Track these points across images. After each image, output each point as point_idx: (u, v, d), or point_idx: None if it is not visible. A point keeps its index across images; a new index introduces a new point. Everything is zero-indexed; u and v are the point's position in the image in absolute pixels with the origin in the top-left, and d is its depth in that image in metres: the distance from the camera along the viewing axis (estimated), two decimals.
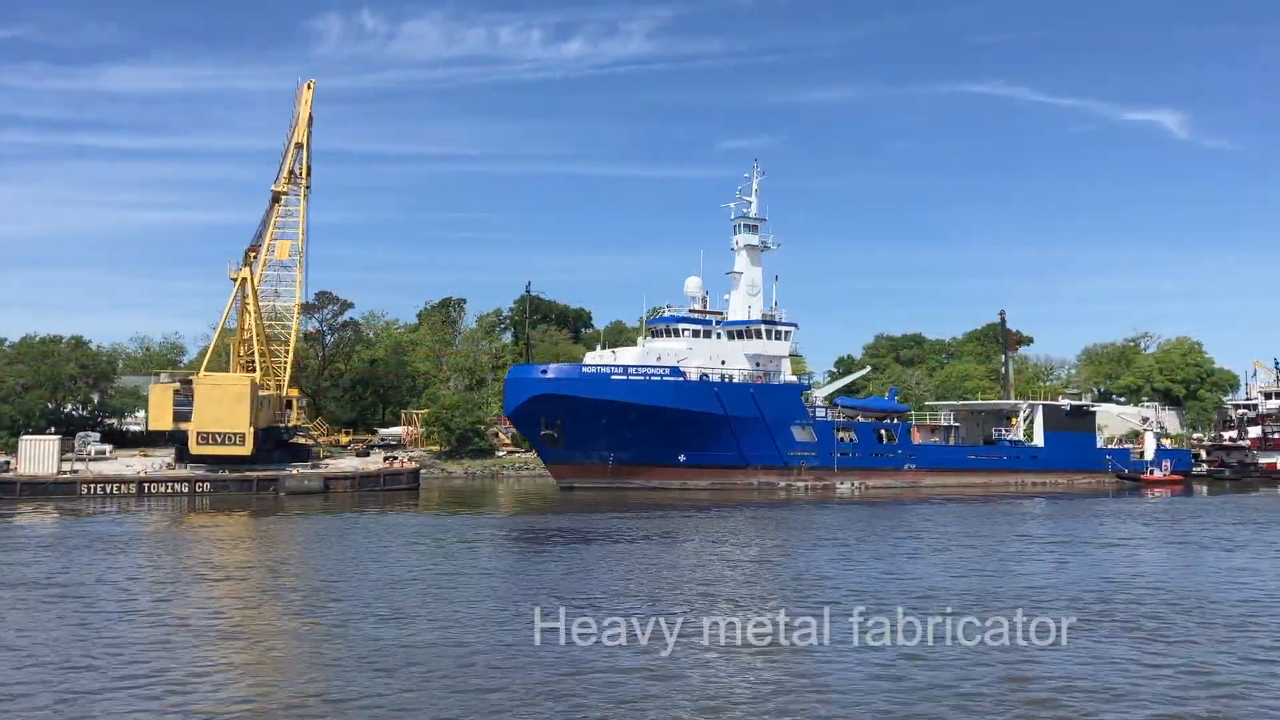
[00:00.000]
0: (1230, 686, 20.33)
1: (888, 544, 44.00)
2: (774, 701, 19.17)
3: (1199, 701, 19.36)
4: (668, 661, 21.52)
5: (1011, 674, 20.89)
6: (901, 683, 20.32)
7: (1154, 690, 20.00)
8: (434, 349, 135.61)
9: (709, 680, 20.50)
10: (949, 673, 20.88)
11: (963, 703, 19.02)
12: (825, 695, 19.52)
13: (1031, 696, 19.46)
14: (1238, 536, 47.55)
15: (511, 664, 21.80)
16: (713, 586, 32.10)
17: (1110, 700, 19.27)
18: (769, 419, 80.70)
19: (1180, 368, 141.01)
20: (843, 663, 21.82)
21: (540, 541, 45.77)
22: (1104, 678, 20.75)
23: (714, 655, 22.14)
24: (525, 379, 77.88)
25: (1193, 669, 21.41)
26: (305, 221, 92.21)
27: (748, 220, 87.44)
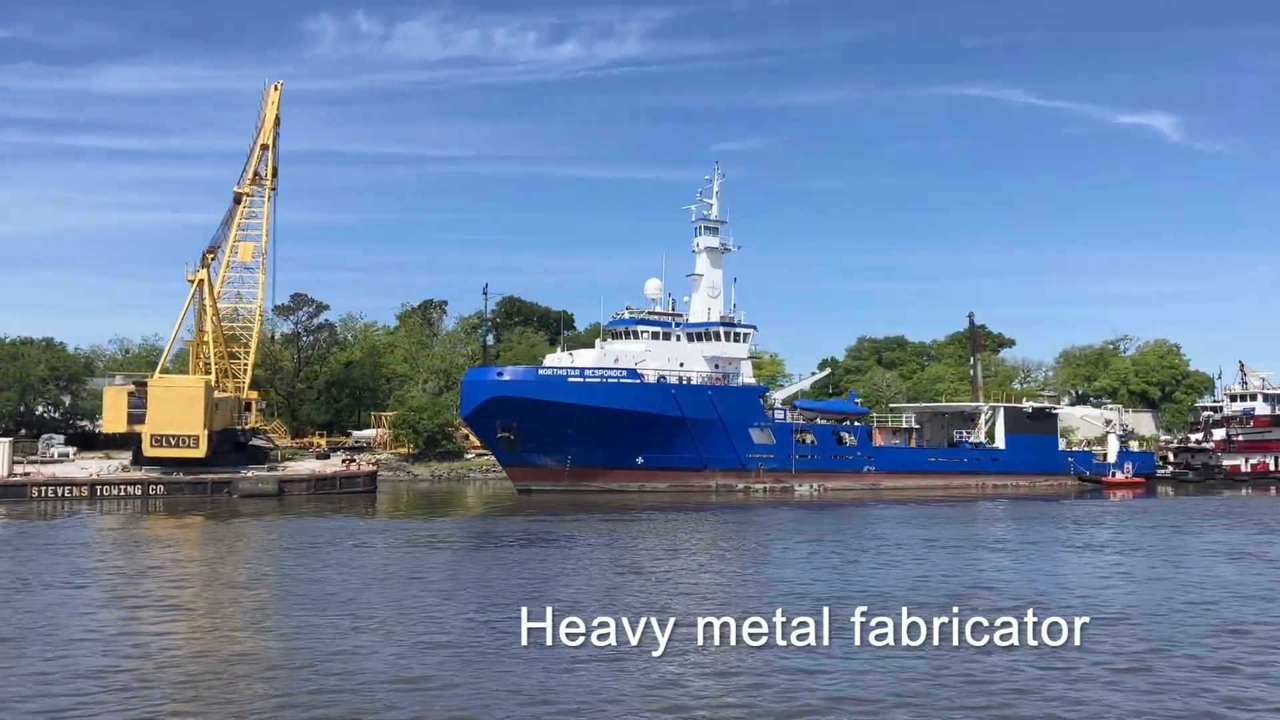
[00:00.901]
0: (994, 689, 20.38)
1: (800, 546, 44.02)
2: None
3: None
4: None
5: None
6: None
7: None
8: (410, 351, 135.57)
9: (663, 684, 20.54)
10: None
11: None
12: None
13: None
14: (1144, 541, 47.24)
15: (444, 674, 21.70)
16: (658, 591, 32.00)
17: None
18: (727, 421, 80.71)
19: (1156, 370, 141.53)
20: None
21: (483, 547, 45.64)
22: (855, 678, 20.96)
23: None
24: (481, 381, 77.91)
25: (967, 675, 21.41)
26: (270, 223, 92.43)
27: (708, 222, 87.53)
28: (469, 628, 25.80)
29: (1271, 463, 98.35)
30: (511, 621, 23.51)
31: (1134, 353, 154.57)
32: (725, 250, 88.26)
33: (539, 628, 20.12)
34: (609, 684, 20.46)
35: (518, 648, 21.44)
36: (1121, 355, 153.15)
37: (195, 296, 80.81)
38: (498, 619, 26.07)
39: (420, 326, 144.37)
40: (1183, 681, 21.16)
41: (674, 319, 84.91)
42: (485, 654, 22.94)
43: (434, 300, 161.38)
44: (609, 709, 19.09)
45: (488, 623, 26.14)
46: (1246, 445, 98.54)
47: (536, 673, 21.05)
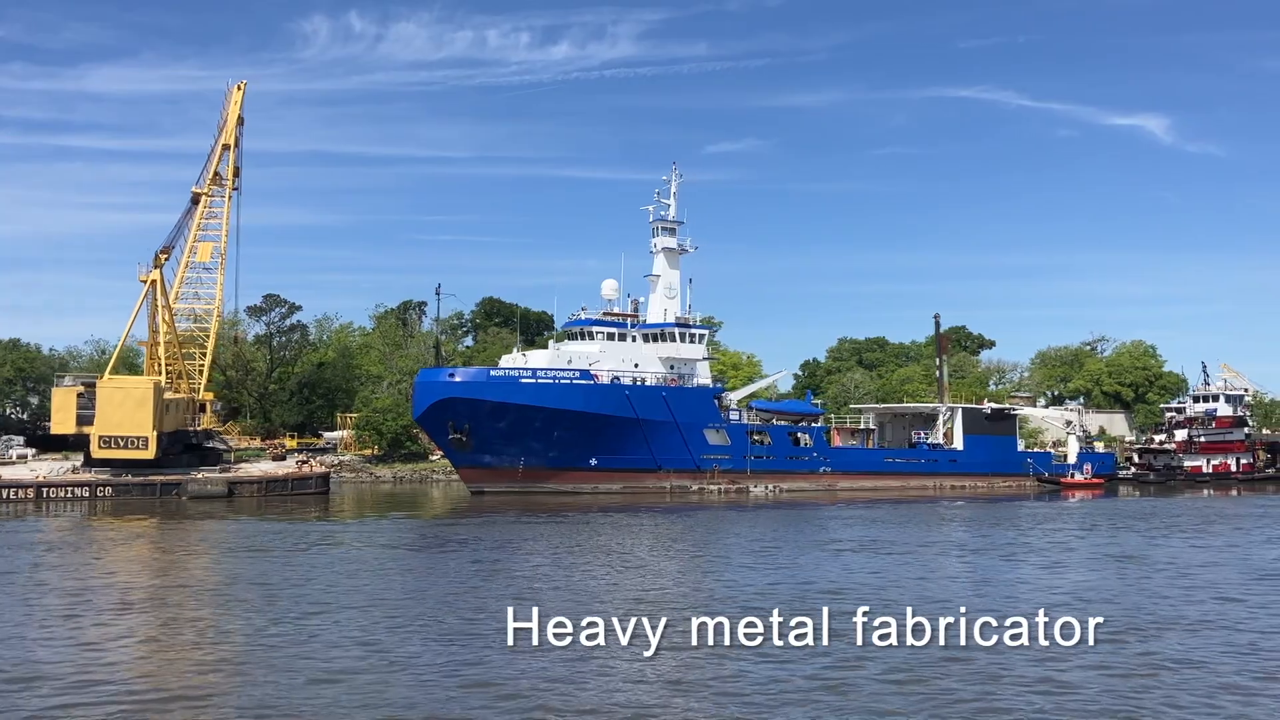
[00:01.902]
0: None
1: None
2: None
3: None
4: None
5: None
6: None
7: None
8: (385, 352, 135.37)
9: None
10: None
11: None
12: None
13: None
14: (1071, 542, 47.09)
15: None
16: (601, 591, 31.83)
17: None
18: (682, 422, 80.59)
19: (1129, 371, 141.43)
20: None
21: (416, 551, 45.40)
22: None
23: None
24: (432, 382, 77.69)
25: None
26: (230, 223, 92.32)
27: (666, 223, 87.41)
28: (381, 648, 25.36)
29: (1233, 463, 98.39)
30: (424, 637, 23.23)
31: (1110, 354, 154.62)
32: (683, 251, 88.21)
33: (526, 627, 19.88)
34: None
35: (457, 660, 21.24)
36: (1097, 357, 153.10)
37: (147, 297, 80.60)
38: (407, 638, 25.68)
39: (394, 328, 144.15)
40: (956, 688, 20.97)
41: (630, 320, 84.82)
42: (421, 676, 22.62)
43: (412, 301, 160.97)
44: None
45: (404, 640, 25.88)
46: (1208, 446, 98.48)
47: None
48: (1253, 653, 23.99)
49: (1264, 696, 20.52)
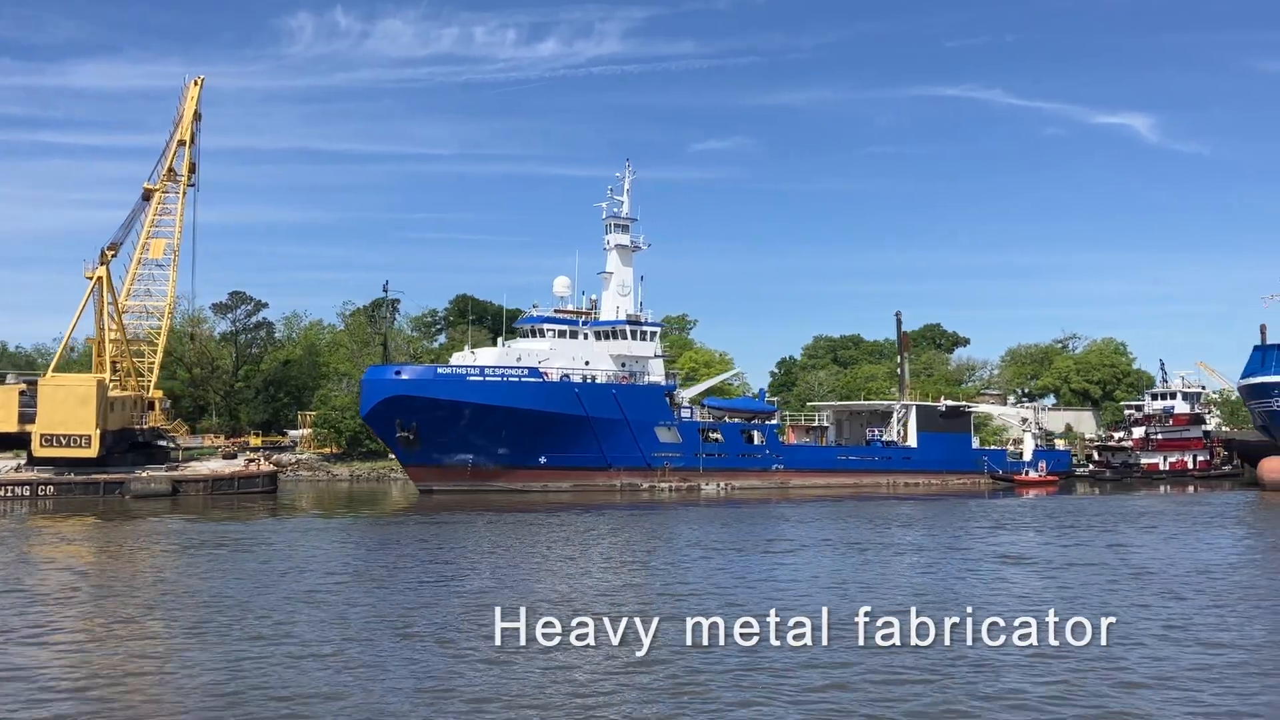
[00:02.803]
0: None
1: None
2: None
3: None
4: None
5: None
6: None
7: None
8: (353, 350, 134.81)
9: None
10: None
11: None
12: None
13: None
14: (983, 540, 46.85)
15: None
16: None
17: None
18: (632, 420, 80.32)
19: (1097, 368, 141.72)
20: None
21: (341, 549, 45.00)
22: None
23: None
24: (378, 380, 77.22)
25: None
26: (184, 220, 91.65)
27: (619, 219, 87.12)
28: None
29: (1190, 461, 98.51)
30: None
31: (1081, 351, 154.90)
32: (636, 248, 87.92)
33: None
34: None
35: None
36: (1068, 354, 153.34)
37: (94, 294, 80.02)
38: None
39: (363, 326, 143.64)
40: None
41: (582, 317, 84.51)
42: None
43: (384, 299, 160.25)
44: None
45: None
46: (1165, 444, 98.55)
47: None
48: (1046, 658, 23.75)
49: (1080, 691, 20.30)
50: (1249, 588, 32.87)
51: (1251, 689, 20.52)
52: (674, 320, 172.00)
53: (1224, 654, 23.62)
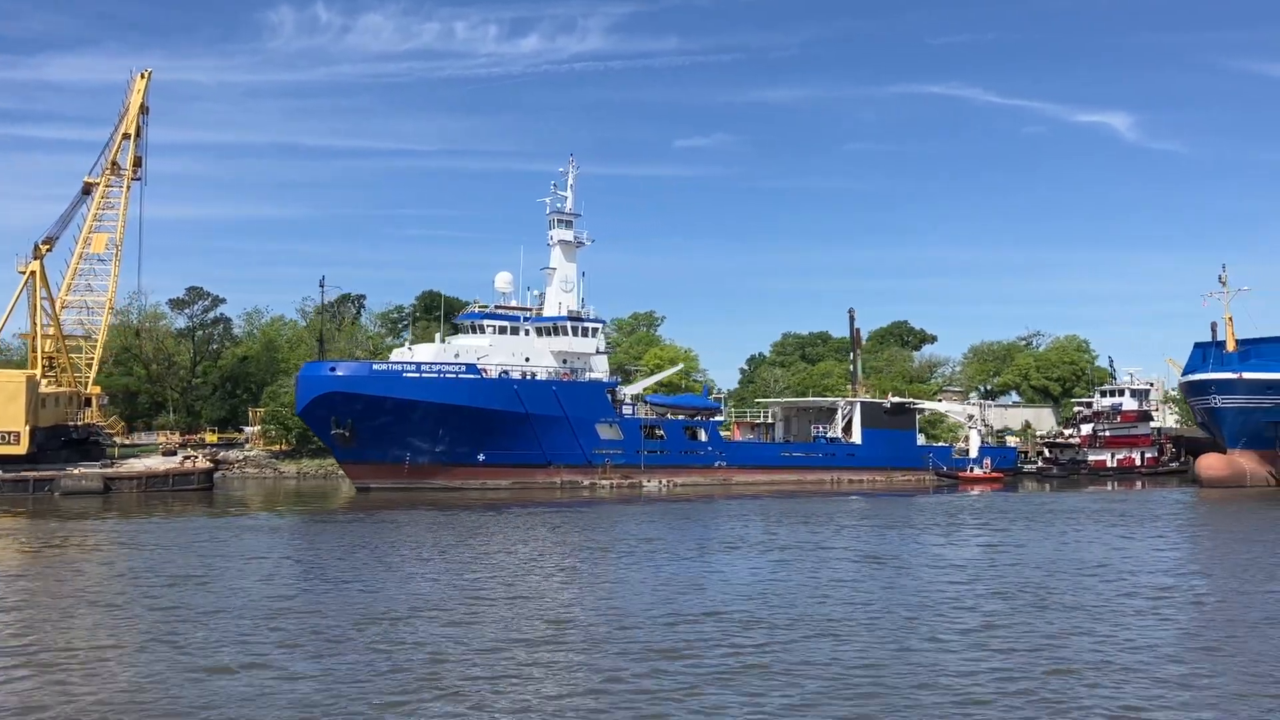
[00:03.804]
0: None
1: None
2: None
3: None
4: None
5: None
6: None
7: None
8: (313, 346, 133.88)
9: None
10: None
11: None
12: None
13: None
14: (871, 541, 46.62)
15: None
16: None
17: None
18: (572, 417, 79.94)
19: (1056, 365, 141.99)
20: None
21: (259, 547, 44.47)
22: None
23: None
24: (313, 376, 76.54)
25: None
26: (127, 215, 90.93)
27: (562, 215, 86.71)
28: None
29: (1137, 458, 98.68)
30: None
31: (1044, 349, 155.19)
32: (580, 244, 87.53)
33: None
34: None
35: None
36: (1029, 351, 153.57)
37: (26, 289, 79.20)
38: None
39: (323, 321, 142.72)
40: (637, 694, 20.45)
41: (523, 313, 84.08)
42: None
43: (350, 294, 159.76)
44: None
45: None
46: (1113, 440, 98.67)
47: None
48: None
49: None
50: (1077, 591, 31.54)
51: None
52: (641, 317, 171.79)
53: (989, 658, 23.19)
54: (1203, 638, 24.79)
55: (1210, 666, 21.80)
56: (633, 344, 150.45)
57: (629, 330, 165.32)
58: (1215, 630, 25.51)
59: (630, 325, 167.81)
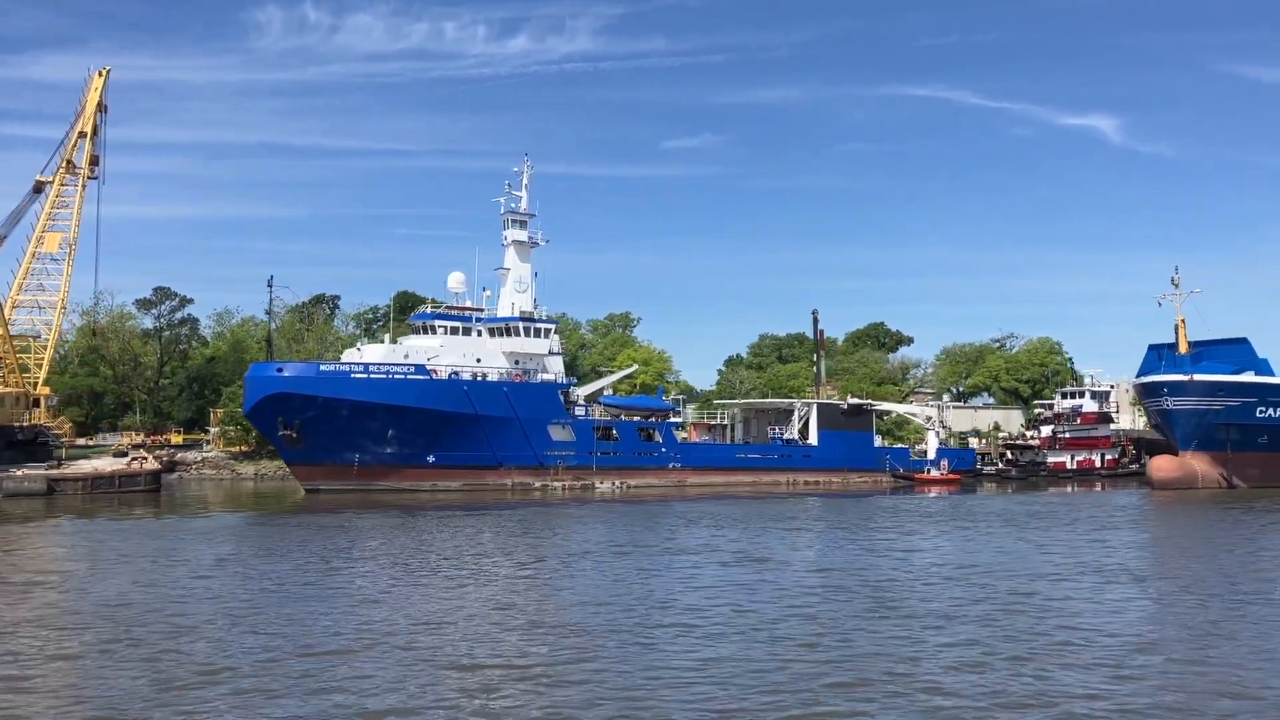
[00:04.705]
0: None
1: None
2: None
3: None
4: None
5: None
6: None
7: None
8: (281, 347, 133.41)
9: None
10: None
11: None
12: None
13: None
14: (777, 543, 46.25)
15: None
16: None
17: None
18: (524, 418, 79.55)
19: (1026, 367, 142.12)
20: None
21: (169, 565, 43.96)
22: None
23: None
24: (260, 377, 76.07)
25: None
26: (82, 214, 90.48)
27: (517, 215, 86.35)
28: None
29: (1097, 460, 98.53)
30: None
31: (1017, 350, 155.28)
32: (534, 244, 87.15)
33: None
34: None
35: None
36: (1000, 353, 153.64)
37: None
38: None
39: (292, 323, 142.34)
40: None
41: (475, 314, 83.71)
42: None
43: (324, 295, 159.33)
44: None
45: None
46: (1073, 442, 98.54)
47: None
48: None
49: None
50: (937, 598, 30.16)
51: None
52: (617, 318, 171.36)
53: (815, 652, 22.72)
54: (981, 648, 23.31)
55: (950, 681, 20.65)
56: (607, 345, 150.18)
57: (604, 331, 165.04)
58: (994, 642, 23.88)
59: (606, 326, 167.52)
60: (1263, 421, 79.95)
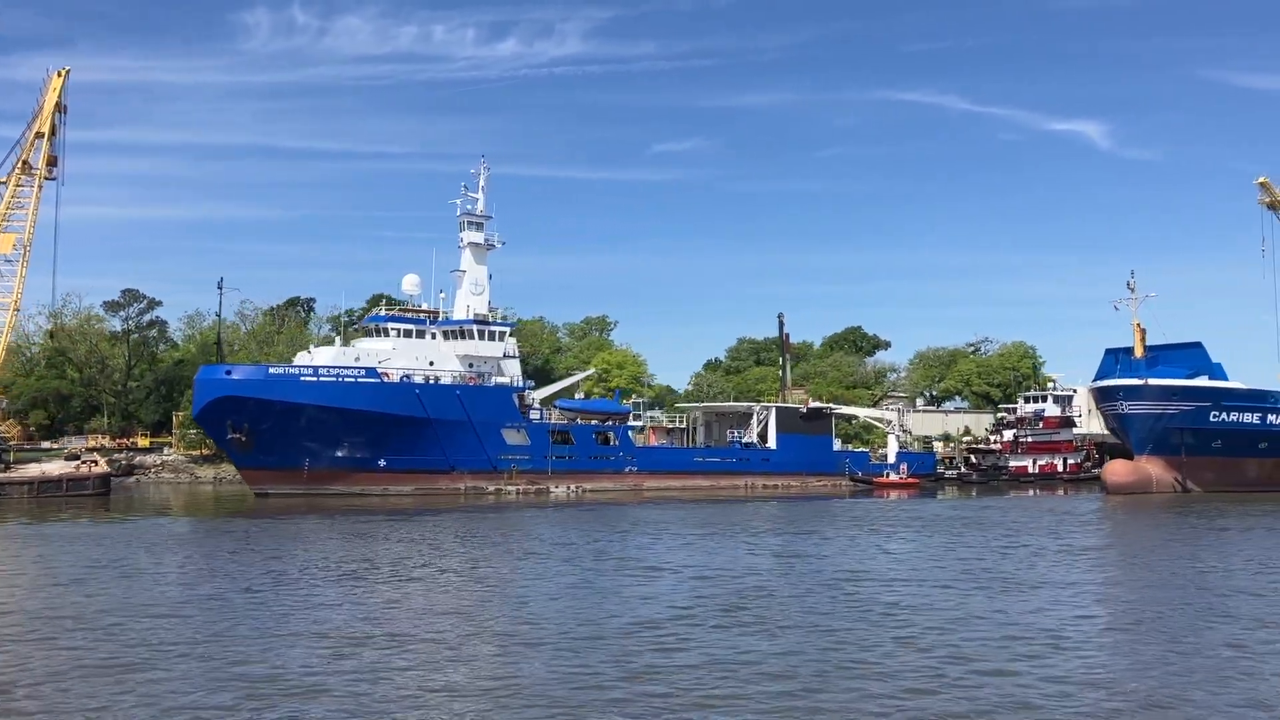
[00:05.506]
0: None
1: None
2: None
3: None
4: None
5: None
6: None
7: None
8: (251, 349, 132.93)
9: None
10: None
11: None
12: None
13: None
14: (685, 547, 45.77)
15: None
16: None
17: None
18: (477, 421, 79.06)
19: (998, 371, 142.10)
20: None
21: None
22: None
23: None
24: (209, 380, 75.51)
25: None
26: (38, 215, 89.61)
27: (473, 217, 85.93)
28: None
29: (1060, 464, 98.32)
30: None
31: (990, 355, 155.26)
32: (490, 246, 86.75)
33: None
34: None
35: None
36: (974, 357, 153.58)
37: None
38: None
39: (264, 325, 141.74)
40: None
41: (430, 317, 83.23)
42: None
43: (299, 298, 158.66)
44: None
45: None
46: (1035, 446, 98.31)
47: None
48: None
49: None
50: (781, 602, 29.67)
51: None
52: (594, 321, 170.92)
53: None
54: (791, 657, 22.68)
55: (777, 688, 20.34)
56: (583, 348, 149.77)
57: (580, 335, 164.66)
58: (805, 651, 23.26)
59: (582, 330, 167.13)
60: (1216, 426, 79.74)
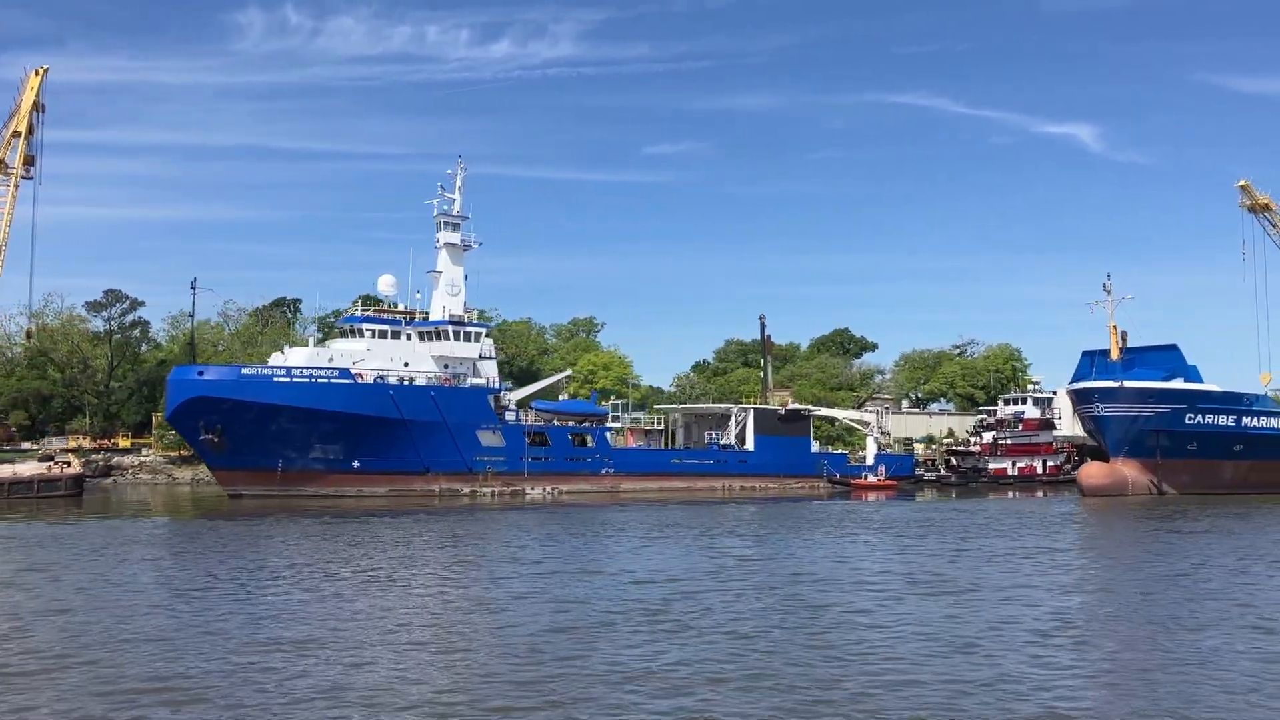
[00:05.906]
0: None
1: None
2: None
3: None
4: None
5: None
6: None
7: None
8: (235, 350, 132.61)
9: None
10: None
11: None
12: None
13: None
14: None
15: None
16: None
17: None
18: (452, 423, 78.74)
19: (982, 373, 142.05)
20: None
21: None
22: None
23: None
24: (181, 380, 75.16)
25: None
26: (14, 214, 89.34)
27: (450, 217, 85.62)
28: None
29: (1039, 466, 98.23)
30: None
31: (976, 357, 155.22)
32: (467, 247, 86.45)
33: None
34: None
35: None
36: (959, 359, 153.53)
37: None
38: None
39: (248, 326, 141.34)
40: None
41: (405, 317, 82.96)
42: None
43: (285, 298, 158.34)
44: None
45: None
46: (1014, 448, 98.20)
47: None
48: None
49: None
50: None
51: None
52: (581, 323, 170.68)
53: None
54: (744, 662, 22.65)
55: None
56: (569, 350, 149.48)
57: (567, 336, 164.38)
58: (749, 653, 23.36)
59: (569, 331, 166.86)
60: (1192, 428, 79.66)
